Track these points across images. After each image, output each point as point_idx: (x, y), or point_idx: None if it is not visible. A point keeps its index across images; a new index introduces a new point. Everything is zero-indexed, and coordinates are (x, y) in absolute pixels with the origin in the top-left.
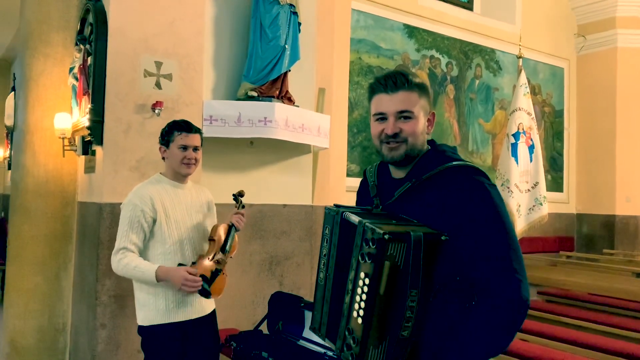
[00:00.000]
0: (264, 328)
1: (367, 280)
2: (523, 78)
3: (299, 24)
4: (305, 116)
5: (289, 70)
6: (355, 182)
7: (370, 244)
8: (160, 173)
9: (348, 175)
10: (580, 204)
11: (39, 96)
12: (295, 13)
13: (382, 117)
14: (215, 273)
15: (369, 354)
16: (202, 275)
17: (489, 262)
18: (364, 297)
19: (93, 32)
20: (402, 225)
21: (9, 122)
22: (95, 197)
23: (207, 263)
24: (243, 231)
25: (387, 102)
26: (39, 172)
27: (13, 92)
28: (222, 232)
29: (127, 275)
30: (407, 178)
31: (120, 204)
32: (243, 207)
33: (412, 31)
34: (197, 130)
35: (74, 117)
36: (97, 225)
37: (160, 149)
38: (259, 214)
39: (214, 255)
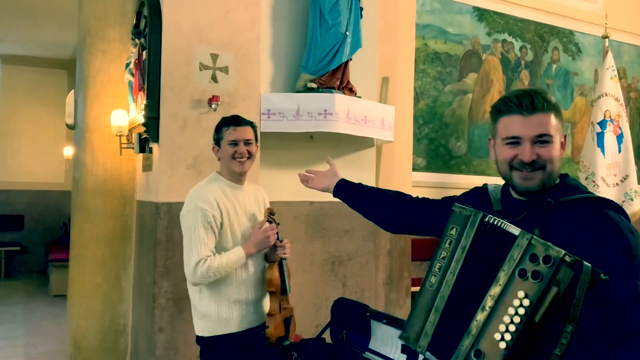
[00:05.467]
0: (327, 336)
1: (525, 302)
2: (610, 60)
3: (361, 9)
4: (368, 107)
5: (350, 59)
6: (422, 176)
7: (542, 262)
8: (217, 172)
9: (414, 169)
10: None
11: (97, 93)
12: None
13: (515, 142)
14: (289, 322)
15: None
16: (279, 338)
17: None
18: (516, 320)
19: (147, 26)
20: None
21: (69, 120)
22: (152, 196)
23: (279, 320)
24: (304, 230)
25: (521, 125)
26: (98, 171)
27: (73, 90)
28: (277, 276)
29: (220, 276)
30: (536, 199)
31: (178, 203)
32: (278, 223)
33: (482, 14)
34: (248, 123)
35: (130, 114)
36: (154, 225)
37: (213, 149)
38: (320, 212)
39: (280, 305)
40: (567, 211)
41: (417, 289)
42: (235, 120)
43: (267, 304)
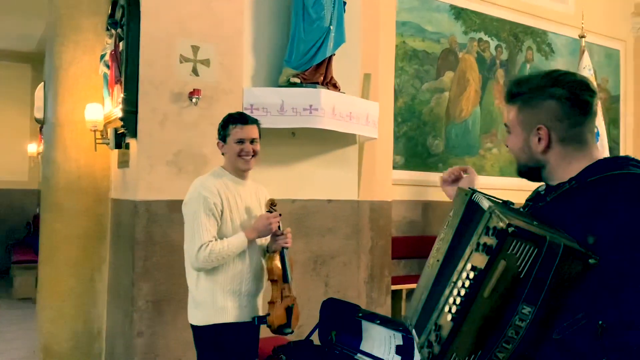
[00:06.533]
0: (315, 338)
1: (472, 274)
2: (586, 60)
3: (344, 3)
4: (352, 103)
5: (334, 54)
6: (401, 174)
7: (491, 233)
8: (221, 167)
9: (393, 167)
10: None
11: (69, 86)
12: None
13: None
14: (290, 310)
15: None
16: (280, 326)
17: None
18: (462, 292)
19: (124, 15)
20: (542, 228)
21: (38, 114)
22: (129, 194)
23: (280, 308)
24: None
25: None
26: (70, 168)
27: (42, 83)
28: (278, 265)
29: (222, 260)
30: (566, 182)
31: (157, 201)
32: (280, 214)
33: (459, 12)
34: (254, 122)
35: (105, 108)
36: (132, 225)
37: (218, 144)
38: (303, 210)
39: (282, 293)
40: (601, 189)
41: (397, 287)
42: (242, 119)
43: (260, 302)
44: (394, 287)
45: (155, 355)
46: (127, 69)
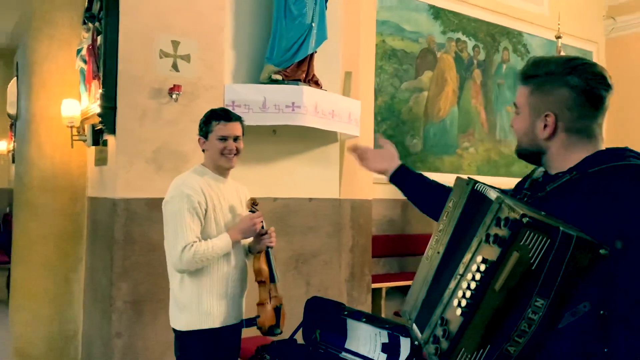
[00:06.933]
0: (299, 337)
1: (482, 267)
2: None
3: (326, 0)
4: (335, 101)
5: (315, 52)
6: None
7: (502, 224)
8: (202, 164)
9: None
10: None
11: (44, 82)
12: None
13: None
14: (279, 310)
15: (459, 357)
16: (270, 327)
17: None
18: (472, 285)
19: (103, 8)
20: (552, 219)
21: (11, 110)
22: (107, 192)
23: (269, 309)
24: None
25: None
26: (45, 165)
27: (16, 78)
28: (264, 266)
29: (206, 262)
30: (566, 172)
31: (136, 199)
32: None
33: (437, 12)
34: (237, 118)
35: (82, 103)
36: (111, 223)
37: (199, 140)
38: (284, 208)
39: (269, 294)
40: (603, 181)
41: (377, 285)
42: (226, 115)
43: (244, 302)
44: (374, 286)
45: (134, 356)
46: (105, 64)
